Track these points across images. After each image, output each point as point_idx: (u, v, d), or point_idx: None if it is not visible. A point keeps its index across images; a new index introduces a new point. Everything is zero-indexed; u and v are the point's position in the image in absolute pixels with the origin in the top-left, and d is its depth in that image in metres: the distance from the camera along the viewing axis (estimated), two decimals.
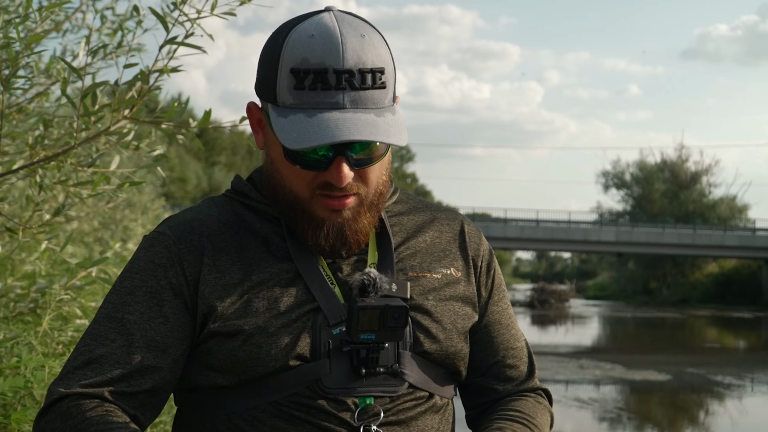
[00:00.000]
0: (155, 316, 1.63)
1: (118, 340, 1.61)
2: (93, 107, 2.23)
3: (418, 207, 1.87)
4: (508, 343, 1.86)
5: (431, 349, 1.70)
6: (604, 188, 70.10)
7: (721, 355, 24.27)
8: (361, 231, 1.68)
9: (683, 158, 66.95)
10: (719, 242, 52.51)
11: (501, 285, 1.90)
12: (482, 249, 1.87)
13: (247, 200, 1.76)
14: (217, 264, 1.67)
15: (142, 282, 1.66)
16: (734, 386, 17.30)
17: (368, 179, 1.66)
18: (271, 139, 1.66)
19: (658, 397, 15.87)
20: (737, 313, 43.83)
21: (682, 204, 63.91)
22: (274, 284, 1.66)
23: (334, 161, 1.60)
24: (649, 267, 63.29)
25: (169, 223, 1.74)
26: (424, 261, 1.77)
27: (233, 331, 1.61)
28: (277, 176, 1.68)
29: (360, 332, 1.59)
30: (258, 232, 1.72)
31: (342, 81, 1.55)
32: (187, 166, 53.73)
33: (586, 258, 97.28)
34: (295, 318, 1.63)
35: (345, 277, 1.69)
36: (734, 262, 58.06)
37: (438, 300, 1.74)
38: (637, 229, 54.22)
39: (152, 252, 1.69)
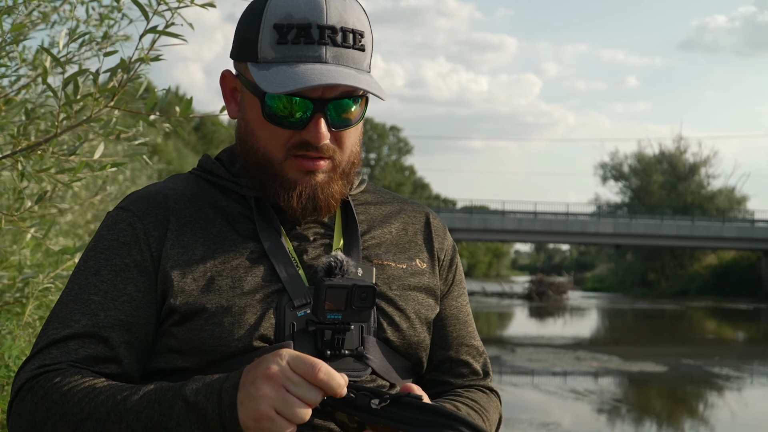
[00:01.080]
0: (119, 295, 1.59)
1: (82, 321, 1.57)
2: (75, 97, 2.22)
3: (386, 198, 1.88)
4: (463, 339, 1.85)
5: (394, 338, 1.69)
6: (602, 180, 70.36)
7: (720, 346, 24.29)
8: (332, 196, 1.67)
9: (681, 150, 67.11)
10: (718, 234, 52.59)
11: (461, 282, 1.90)
12: (446, 243, 1.87)
13: (214, 178, 1.74)
14: (181, 239, 1.64)
15: (106, 261, 1.62)
16: (733, 378, 17.31)
17: (343, 144, 1.66)
18: (247, 100, 1.66)
19: (656, 388, 15.87)
20: (736, 305, 43.92)
21: (681, 195, 64.04)
22: (239, 263, 1.63)
23: (312, 119, 1.60)
24: (648, 259, 63.42)
25: (132, 198, 1.71)
26: (389, 251, 1.77)
27: (195, 309, 1.58)
28: (251, 139, 1.66)
29: (327, 312, 1.56)
30: (224, 210, 1.70)
31: (325, 36, 1.58)
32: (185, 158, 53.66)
33: (585, 250, 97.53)
34: (260, 298, 1.60)
35: (310, 260, 1.67)
36: (733, 253, 58.17)
37: (402, 289, 1.73)
38: (636, 220, 54.30)
39: (116, 230, 1.65)
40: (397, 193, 1.92)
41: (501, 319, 32.90)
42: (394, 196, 1.90)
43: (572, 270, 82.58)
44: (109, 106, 2.20)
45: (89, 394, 1.47)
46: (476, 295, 46.54)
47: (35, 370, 1.54)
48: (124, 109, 2.22)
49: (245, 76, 1.65)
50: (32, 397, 1.51)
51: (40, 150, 2.25)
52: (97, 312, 1.58)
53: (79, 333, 1.56)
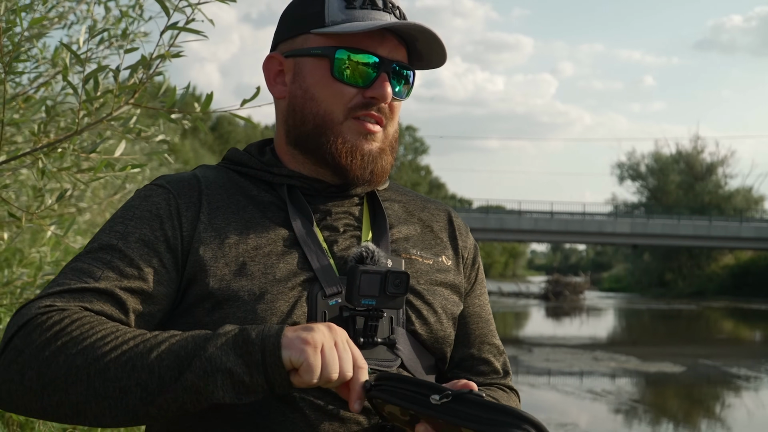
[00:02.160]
0: (144, 265, 1.54)
1: (102, 281, 1.50)
2: (95, 93, 2.21)
3: (408, 196, 1.89)
4: (485, 337, 1.85)
5: (422, 331, 1.68)
6: (619, 180, 70.20)
7: (737, 347, 24.19)
8: (384, 168, 1.72)
9: (699, 149, 66.89)
10: (735, 234, 52.34)
11: (483, 281, 1.90)
12: (469, 242, 1.89)
13: (244, 168, 1.75)
14: (213, 222, 1.62)
15: (135, 229, 1.58)
16: (750, 378, 17.24)
17: (394, 115, 1.73)
18: (307, 69, 1.70)
19: (674, 389, 15.81)
20: (753, 305, 43.69)
21: (698, 195, 63.81)
22: (271, 250, 1.62)
23: (379, 77, 1.66)
24: (665, 259, 63.21)
25: (165, 178, 1.70)
26: (416, 245, 1.77)
27: (227, 294, 1.55)
28: (309, 105, 1.69)
29: (361, 297, 1.55)
30: (255, 198, 1.70)
31: (388, 6, 1.69)
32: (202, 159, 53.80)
33: (601, 250, 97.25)
34: (292, 286, 1.58)
35: (341, 251, 1.67)
36: (750, 253, 57.89)
37: (429, 284, 1.73)
38: (653, 220, 54.10)
39: (150, 202, 1.63)
40: (418, 192, 1.93)
41: (518, 319, 32.84)
42: (416, 194, 1.92)
43: (589, 270, 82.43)
44: (129, 103, 2.19)
45: (114, 332, 1.40)
46: (493, 295, 46.43)
47: (45, 308, 1.43)
48: (144, 106, 2.21)
49: (305, 47, 1.70)
50: (41, 332, 1.38)
51: (60, 148, 2.24)
52: (119, 276, 1.51)
53: (97, 288, 1.48)
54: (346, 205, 1.75)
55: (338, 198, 1.74)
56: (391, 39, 1.67)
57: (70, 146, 2.22)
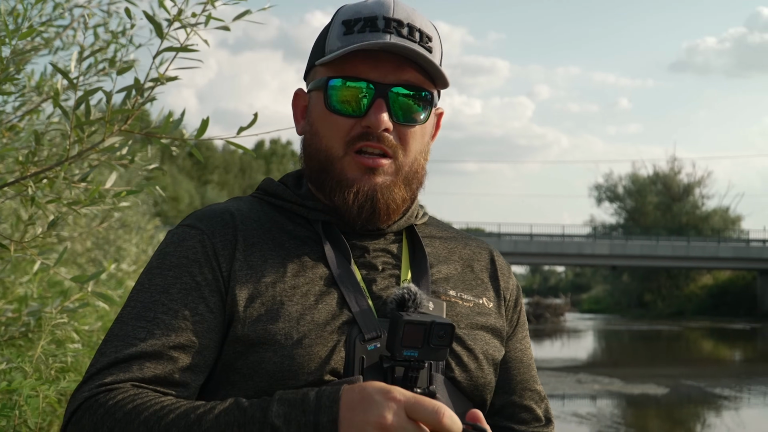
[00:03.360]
0: (191, 314, 1.48)
1: (149, 340, 1.45)
2: (87, 119, 2.14)
3: (449, 233, 1.81)
4: (527, 383, 1.77)
5: (462, 378, 1.60)
6: (597, 201, 70.50)
7: (719, 367, 24.22)
8: (393, 200, 1.62)
9: (675, 170, 67.35)
10: (713, 254, 52.60)
11: (525, 324, 1.83)
12: (511, 283, 1.81)
13: (279, 201, 1.67)
14: (249, 260, 1.55)
15: (175, 279, 1.52)
16: (732, 398, 17.26)
17: (408, 144, 1.61)
18: (314, 102, 1.64)
19: (657, 410, 15.78)
20: (733, 325, 43.83)
21: (675, 216, 64.15)
22: (308, 289, 1.54)
23: (374, 104, 1.56)
24: (644, 280, 63.46)
25: (197, 216, 1.63)
26: (456, 286, 1.69)
27: (262, 337, 1.47)
28: (314, 141, 1.63)
29: (403, 348, 1.45)
30: (291, 233, 1.62)
31: (390, 26, 1.58)
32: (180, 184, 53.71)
33: (580, 272, 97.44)
34: (331, 330, 1.50)
35: (379, 291, 1.59)
36: (728, 273, 58.19)
37: (470, 328, 1.65)
38: (631, 241, 54.32)
39: (184, 247, 1.56)
40: (457, 228, 1.85)
41: None
42: (457, 230, 1.83)
43: (569, 292, 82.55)
44: (122, 129, 2.12)
45: (157, 413, 1.35)
46: None
47: (94, 389, 1.41)
48: (138, 133, 2.14)
49: (314, 80, 1.65)
50: (91, 417, 1.37)
51: (51, 175, 2.17)
52: (166, 331, 1.46)
53: (145, 352, 1.44)
54: (384, 241, 1.67)
55: (375, 234, 1.66)
56: (389, 60, 1.57)
57: (61, 173, 2.14)
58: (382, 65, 1.57)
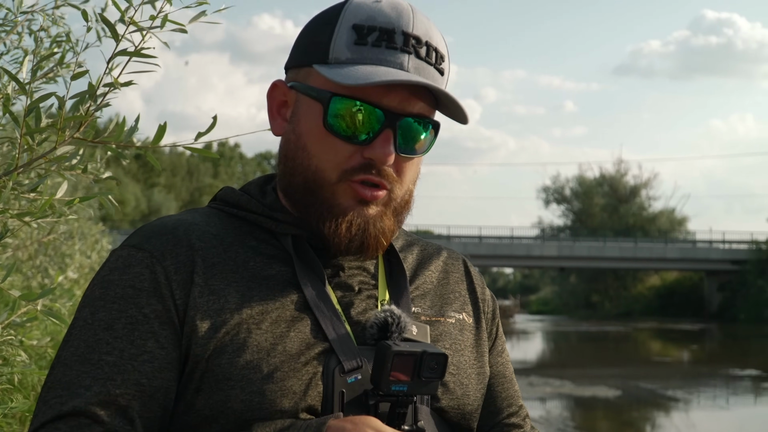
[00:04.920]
0: (138, 353, 1.31)
1: (94, 387, 1.29)
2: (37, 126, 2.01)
3: (416, 242, 1.65)
4: (512, 399, 1.64)
5: (449, 406, 1.46)
6: (545, 203, 71.03)
7: (668, 368, 24.46)
8: (383, 233, 1.44)
9: (622, 172, 68.10)
10: (660, 255, 53.27)
11: (503, 335, 1.69)
12: (487, 294, 1.68)
13: (242, 213, 1.48)
14: (210, 284, 1.37)
15: (120, 312, 1.34)
16: (682, 399, 17.44)
17: (404, 175, 1.45)
18: (305, 109, 1.43)
19: (608, 412, 15.89)
20: (680, 326, 44.37)
21: (622, 218, 64.89)
22: (279, 315, 1.37)
23: (381, 135, 1.38)
24: (591, 281, 64.17)
25: (145, 234, 1.43)
26: (435, 303, 1.55)
27: (228, 373, 1.31)
28: (301, 155, 1.43)
29: (391, 383, 1.31)
30: (256, 250, 1.44)
31: (409, 44, 1.40)
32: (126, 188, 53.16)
33: (528, 273, 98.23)
34: (305, 361, 1.34)
35: (358, 315, 1.43)
36: (676, 274, 58.98)
37: (454, 350, 1.51)
38: (579, 243, 54.84)
39: (130, 274, 1.37)
40: (420, 236, 1.69)
41: None
42: (421, 239, 1.68)
43: (518, 293, 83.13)
44: (75, 137, 1.99)
45: None
46: None
47: None
48: (92, 141, 2.01)
49: (306, 82, 1.44)
50: None
51: None
52: (112, 376, 1.30)
53: (91, 402, 1.27)
54: (359, 258, 1.49)
55: None
56: (404, 87, 1.39)
57: (9, 183, 2.01)
58: (396, 91, 1.39)
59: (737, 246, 54.57)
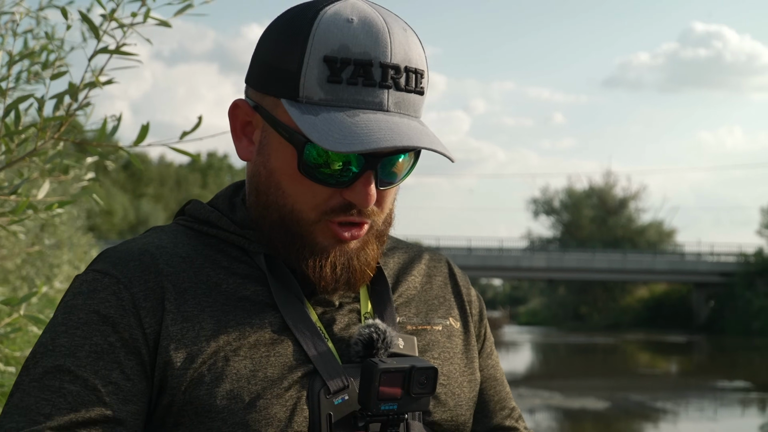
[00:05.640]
0: (103, 383, 1.24)
1: (55, 417, 1.21)
2: (17, 127, 1.97)
3: (397, 244, 1.58)
4: (504, 402, 1.59)
5: (442, 419, 1.40)
6: (534, 215, 70.92)
7: (656, 380, 24.47)
8: (368, 264, 1.36)
9: (611, 184, 68.11)
10: (649, 267, 53.28)
11: (491, 337, 1.63)
12: (473, 294, 1.60)
13: (212, 230, 1.40)
14: (183, 310, 1.29)
15: (84, 339, 1.26)
16: (670, 411, 17.45)
17: (384, 203, 1.36)
18: (274, 145, 1.32)
19: (597, 424, 15.87)
20: (669, 337, 44.37)
21: (611, 229, 64.90)
22: (257, 339, 1.30)
23: (362, 177, 1.29)
24: (580, 292, 64.11)
25: (111, 259, 1.34)
26: (420, 311, 1.47)
27: (207, 405, 1.24)
28: (275, 194, 1.33)
29: (380, 402, 1.25)
30: (228, 270, 1.36)
31: (388, 78, 1.27)
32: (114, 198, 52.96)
33: (517, 284, 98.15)
34: (288, 385, 1.27)
35: (341, 331, 1.36)
36: (664, 286, 58.93)
37: (443, 359, 1.44)
38: (568, 254, 54.84)
39: (96, 300, 1.29)
40: (399, 238, 1.60)
41: None
42: (401, 241, 1.60)
43: (507, 305, 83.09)
44: (55, 137, 1.95)
45: None
46: None
47: None
48: (72, 141, 1.97)
49: (274, 114, 1.32)
50: None
51: None
52: (74, 405, 1.22)
53: (52, 428, 1.20)
54: None
55: None
56: None
57: None
58: None
59: (725, 258, 54.61)
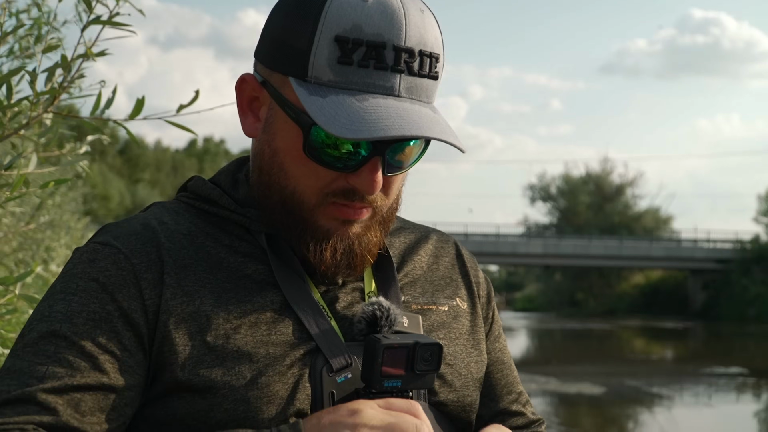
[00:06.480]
0: (98, 351, 1.22)
1: (49, 381, 1.19)
2: (9, 102, 1.95)
3: (404, 224, 1.56)
4: (512, 386, 1.56)
5: (448, 399, 1.38)
6: (530, 201, 71.07)
7: (651, 365, 24.57)
8: (369, 250, 1.35)
9: (607, 171, 68.18)
10: (645, 253, 53.39)
11: (499, 320, 1.60)
12: (481, 276, 1.57)
13: (213, 208, 1.38)
14: (183, 285, 1.27)
15: (82, 306, 1.24)
16: (665, 397, 17.52)
17: (391, 189, 1.34)
18: (280, 124, 1.30)
19: (593, 409, 15.94)
20: (664, 324, 44.48)
21: (608, 216, 65.05)
22: (258, 317, 1.28)
23: (369, 162, 1.26)
24: (576, 278, 64.27)
25: (112, 233, 1.33)
26: (426, 290, 1.45)
27: (208, 382, 1.22)
28: (278, 174, 1.31)
29: (384, 378, 1.23)
30: (230, 248, 1.35)
31: (401, 61, 1.23)
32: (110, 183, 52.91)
33: (514, 271, 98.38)
34: (290, 363, 1.26)
35: (344, 309, 1.35)
36: (660, 272, 59.08)
37: (449, 339, 1.42)
38: (564, 241, 54.95)
39: (95, 268, 1.27)
40: (407, 219, 1.59)
41: None
42: (409, 222, 1.58)
43: (503, 291, 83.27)
44: (48, 111, 1.93)
45: None
46: None
47: None
48: (66, 114, 1.95)
49: (281, 92, 1.29)
50: None
51: None
52: (69, 371, 1.20)
53: (43, 390, 1.17)
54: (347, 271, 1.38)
55: None
56: None
57: None
58: None
59: (722, 245, 54.74)
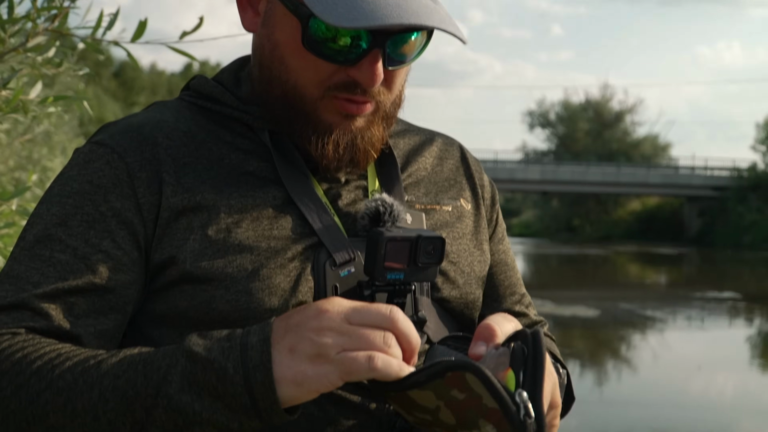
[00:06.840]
0: (92, 252, 1.24)
1: (43, 284, 1.21)
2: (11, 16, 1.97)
3: (410, 127, 1.57)
4: (515, 287, 1.59)
5: (451, 296, 1.39)
6: (529, 128, 70.91)
7: (645, 290, 24.69)
8: (372, 145, 1.35)
9: (607, 98, 67.92)
10: (643, 180, 53.44)
11: (503, 223, 1.62)
12: (485, 179, 1.59)
13: (216, 106, 1.38)
14: (183, 182, 1.28)
15: (75, 208, 1.26)
16: (658, 320, 17.67)
17: (393, 84, 1.33)
18: (279, 17, 1.29)
19: (587, 331, 16.08)
20: (659, 250, 44.68)
21: (606, 143, 64.98)
22: (260, 212, 1.29)
23: (369, 55, 1.25)
24: (573, 205, 64.38)
25: (109, 131, 1.34)
26: (429, 191, 1.47)
27: (210, 273, 1.24)
28: (278, 68, 1.31)
29: (386, 270, 1.25)
30: (231, 145, 1.35)
31: None
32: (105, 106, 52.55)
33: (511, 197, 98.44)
34: (292, 256, 1.27)
35: (346, 206, 1.36)
36: (657, 199, 59.22)
37: (453, 238, 1.44)
38: (562, 167, 54.95)
39: (90, 170, 1.29)
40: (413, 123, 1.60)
41: None
42: (414, 125, 1.59)
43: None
44: (49, 29, 1.95)
45: (52, 361, 1.14)
46: None
47: None
48: (67, 33, 1.97)
49: None
50: None
51: None
52: (63, 273, 1.22)
53: (37, 296, 1.21)
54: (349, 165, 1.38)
55: None
56: None
57: None
58: None
59: (719, 173, 54.77)
